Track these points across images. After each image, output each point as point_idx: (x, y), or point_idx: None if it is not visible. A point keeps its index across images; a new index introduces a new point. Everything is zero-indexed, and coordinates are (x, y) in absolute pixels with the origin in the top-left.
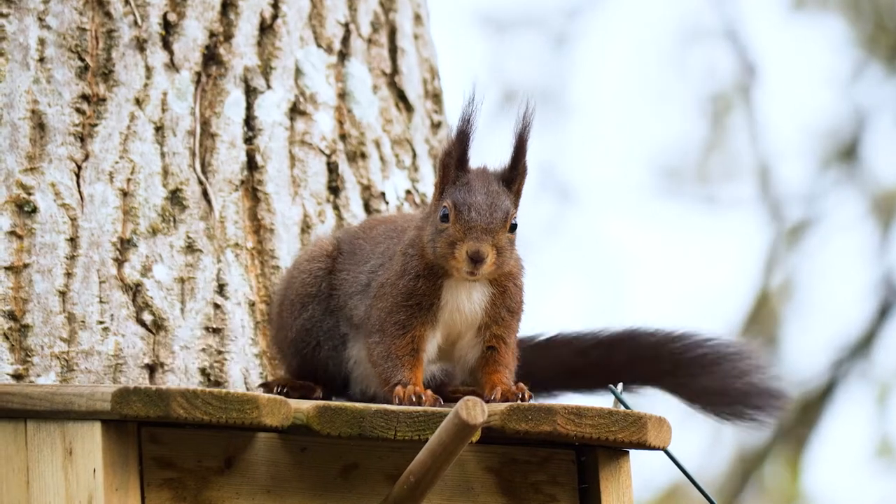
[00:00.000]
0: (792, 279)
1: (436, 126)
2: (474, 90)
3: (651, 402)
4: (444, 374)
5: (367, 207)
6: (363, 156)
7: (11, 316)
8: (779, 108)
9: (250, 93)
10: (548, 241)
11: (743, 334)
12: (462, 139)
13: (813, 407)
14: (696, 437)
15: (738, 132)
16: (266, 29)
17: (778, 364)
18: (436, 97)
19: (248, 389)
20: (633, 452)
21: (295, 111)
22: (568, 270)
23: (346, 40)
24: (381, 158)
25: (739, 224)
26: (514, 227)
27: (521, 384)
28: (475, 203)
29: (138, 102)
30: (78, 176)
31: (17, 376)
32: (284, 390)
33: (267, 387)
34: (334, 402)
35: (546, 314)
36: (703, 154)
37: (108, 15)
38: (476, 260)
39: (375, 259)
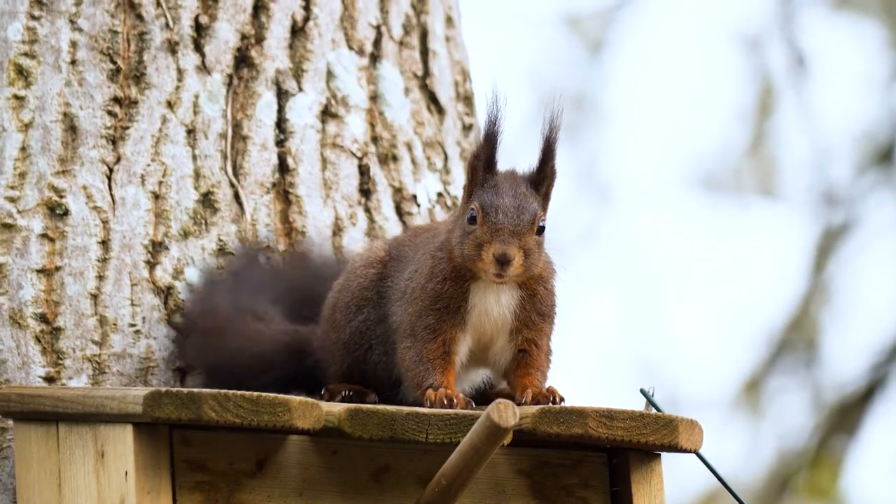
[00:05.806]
0: (831, 283)
1: (467, 129)
2: (499, 92)
3: (682, 404)
4: (489, 379)
5: (399, 210)
6: (395, 158)
7: (43, 318)
8: (817, 112)
9: (282, 95)
10: (585, 245)
11: (782, 338)
12: (489, 142)
13: (853, 411)
14: (735, 442)
15: (777, 136)
16: (297, 31)
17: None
18: (467, 100)
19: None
20: (667, 456)
21: (326, 114)
22: (605, 274)
23: (377, 43)
24: (413, 161)
25: (778, 228)
26: (541, 230)
27: (553, 387)
28: (502, 205)
29: (170, 105)
30: (110, 179)
31: (49, 379)
32: (350, 394)
33: (330, 392)
34: (366, 405)
35: (583, 319)
36: (742, 158)
37: (139, 17)
38: (503, 262)
39: (413, 265)
